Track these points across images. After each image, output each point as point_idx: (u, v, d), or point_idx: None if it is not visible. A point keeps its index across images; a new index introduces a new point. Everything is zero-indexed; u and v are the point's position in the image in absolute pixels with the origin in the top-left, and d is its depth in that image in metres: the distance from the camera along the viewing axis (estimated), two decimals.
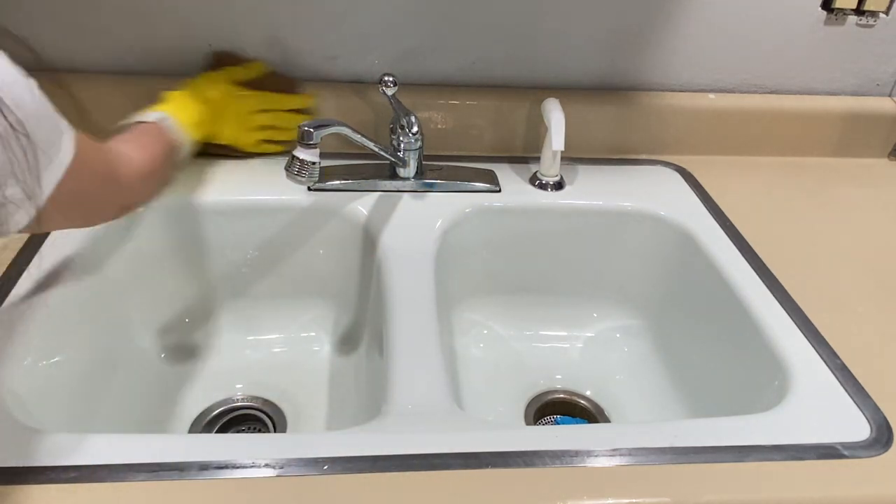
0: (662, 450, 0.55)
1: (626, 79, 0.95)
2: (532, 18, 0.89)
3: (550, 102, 0.85)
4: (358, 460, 0.52)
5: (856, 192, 0.94)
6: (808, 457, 0.55)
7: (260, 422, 0.79)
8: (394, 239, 0.78)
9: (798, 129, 0.98)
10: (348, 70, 0.90)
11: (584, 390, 0.85)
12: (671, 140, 0.96)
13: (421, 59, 0.90)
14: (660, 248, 0.86)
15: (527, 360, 0.88)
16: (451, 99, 0.91)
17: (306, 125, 0.71)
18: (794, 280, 0.74)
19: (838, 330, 0.68)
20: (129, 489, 0.49)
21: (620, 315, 0.91)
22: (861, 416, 0.60)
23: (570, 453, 0.54)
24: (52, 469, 0.50)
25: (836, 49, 0.96)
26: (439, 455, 0.53)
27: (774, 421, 0.59)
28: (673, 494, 0.52)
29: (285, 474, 0.51)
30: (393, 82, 0.78)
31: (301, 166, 0.71)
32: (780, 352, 0.66)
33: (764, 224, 0.84)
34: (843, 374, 0.64)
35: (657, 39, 0.92)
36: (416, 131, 0.82)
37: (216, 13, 0.85)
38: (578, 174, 0.91)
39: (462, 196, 0.85)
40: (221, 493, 0.50)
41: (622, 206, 0.87)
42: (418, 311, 0.68)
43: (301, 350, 0.87)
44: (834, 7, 0.92)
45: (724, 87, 0.97)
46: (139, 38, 0.86)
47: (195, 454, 0.52)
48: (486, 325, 0.90)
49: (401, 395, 0.59)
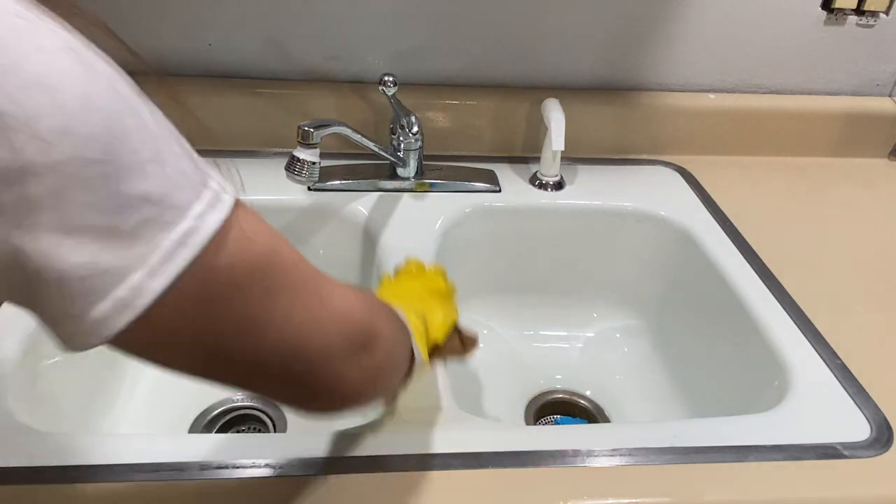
0: (662, 450, 0.55)
1: (626, 79, 0.95)
2: (532, 18, 0.89)
3: (550, 102, 0.85)
4: (358, 460, 0.52)
5: (856, 192, 0.94)
6: (808, 457, 0.55)
7: (260, 422, 0.79)
8: (394, 239, 0.78)
9: (798, 129, 0.98)
10: (348, 70, 0.90)
11: (584, 390, 0.85)
12: (671, 140, 0.96)
13: (421, 59, 0.90)
14: (660, 248, 0.86)
15: (527, 360, 0.88)
16: (451, 99, 0.91)
17: (306, 125, 0.71)
18: (793, 280, 0.74)
19: (838, 330, 0.68)
20: (129, 489, 0.49)
21: (620, 315, 0.91)
22: (861, 415, 0.60)
23: (570, 453, 0.54)
24: (52, 469, 0.50)
25: (836, 49, 0.96)
26: (439, 455, 0.53)
27: (774, 421, 0.59)
28: (673, 494, 0.52)
29: (285, 474, 0.51)
30: (393, 82, 0.78)
31: (301, 166, 0.71)
32: (780, 352, 0.66)
33: (764, 224, 0.84)
34: (843, 374, 0.64)
35: (657, 39, 0.92)
36: (416, 131, 0.82)
37: (216, 13, 0.85)
38: (578, 174, 0.91)
39: (462, 196, 0.85)
40: (221, 493, 0.50)
41: (622, 206, 0.87)
42: None
43: None
44: (834, 7, 0.92)
45: (724, 87, 0.97)
46: (139, 38, 0.86)
47: (195, 454, 0.52)
48: (486, 325, 0.90)
49: (401, 395, 0.59)
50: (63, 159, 0.25)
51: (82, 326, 0.28)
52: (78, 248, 0.27)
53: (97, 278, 0.27)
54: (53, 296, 0.27)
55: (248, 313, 0.32)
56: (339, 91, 0.89)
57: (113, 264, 0.27)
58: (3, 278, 0.27)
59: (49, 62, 0.25)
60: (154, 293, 0.28)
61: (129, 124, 0.27)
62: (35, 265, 0.26)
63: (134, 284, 0.28)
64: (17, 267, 0.26)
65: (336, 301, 0.38)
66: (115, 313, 0.28)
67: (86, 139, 0.26)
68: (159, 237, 0.28)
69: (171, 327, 0.30)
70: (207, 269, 0.30)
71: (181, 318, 0.30)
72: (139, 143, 0.27)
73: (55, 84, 0.25)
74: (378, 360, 0.40)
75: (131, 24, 0.84)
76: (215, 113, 0.88)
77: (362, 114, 0.89)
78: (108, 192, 0.26)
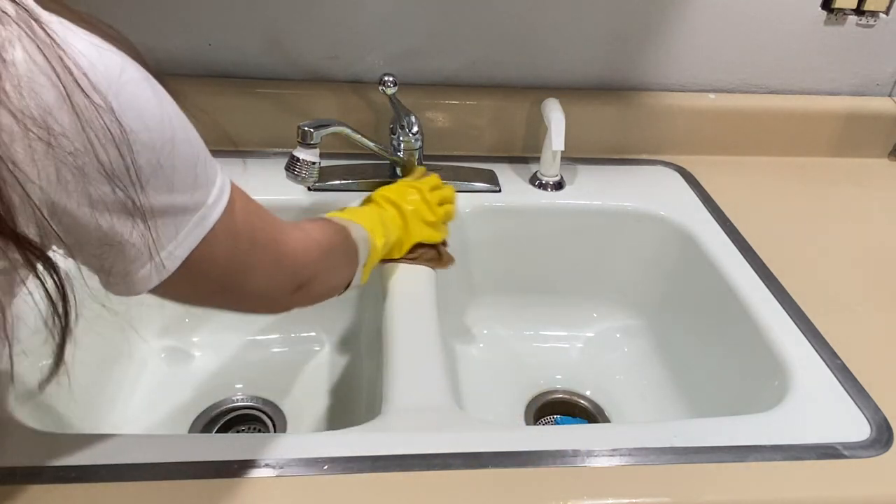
0: (662, 450, 0.55)
1: (626, 79, 0.95)
2: (532, 18, 0.89)
3: (550, 102, 0.85)
4: (358, 460, 0.52)
5: (856, 192, 0.94)
6: (808, 457, 0.55)
7: (260, 422, 0.79)
8: None
9: (798, 129, 0.98)
10: (348, 70, 0.90)
11: (584, 390, 0.85)
12: (671, 140, 0.96)
13: (421, 59, 0.90)
14: (660, 248, 0.86)
15: (527, 360, 0.88)
16: (451, 99, 0.91)
17: (306, 125, 0.71)
18: (793, 280, 0.74)
19: (838, 330, 0.68)
20: (129, 489, 0.49)
21: (620, 315, 0.91)
22: (861, 415, 0.60)
23: (570, 453, 0.54)
24: (52, 469, 0.50)
25: (836, 49, 0.96)
26: (439, 455, 0.53)
27: (774, 421, 0.59)
28: (673, 494, 0.52)
29: (285, 474, 0.51)
30: (393, 82, 0.78)
31: (301, 166, 0.71)
32: (780, 352, 0.66)
33: (764, 224, 0.84)
34: (843, 374, 0.64)
35: (657, 39, 0.92)
36: (416, 131, 0.82)
37: (216, 13, 0.85)
38: (578, 174, 0.91)
39: (462, 196, 0.84)
40: (221, 493, 0.50)
41: (622, 206, 0.87)
42: (418, 311, 0.68)
43: (301, 350, 0.87)
44: (834, 7, 0.92)
45: (724, 87, 0.97)
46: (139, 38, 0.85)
47: (195, 454, 0.52)
48: (486, 325, 0.90)
49: (401, 395, 0.59)
50: (148, 158, 0.36)
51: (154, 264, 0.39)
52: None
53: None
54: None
55: (240, 258, 0.45)
56: (339, 91, 0.89)
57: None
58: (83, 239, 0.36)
59: (136, 93, 0.36)
60: (196, 240, 0.40)
61: (180, 135, 0.38)
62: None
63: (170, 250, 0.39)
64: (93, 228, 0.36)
65: (290, 253, 0.51)
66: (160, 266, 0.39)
67: (161, 145, 0.36)
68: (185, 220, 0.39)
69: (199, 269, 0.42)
70: (223, 230, 0.42)
71: (207, 262, 0.42)
72: (187, 145, 0.39)
73: (143, 109, 0.36)
74: (312, 293, 0.56)
75: (131, 24, 0.84)
76: (215, 113, 0.88)
77: (362, 114, 0.89)
78: (170, 182, 0.37)
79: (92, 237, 0.36)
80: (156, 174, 0.36)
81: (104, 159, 0.34)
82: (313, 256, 0.54)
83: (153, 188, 0.36)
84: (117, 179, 0.34)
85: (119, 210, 0.35)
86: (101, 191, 0.34)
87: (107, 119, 0.33)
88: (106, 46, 0.35)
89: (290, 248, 0.51)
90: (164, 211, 0.38)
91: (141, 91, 0.36)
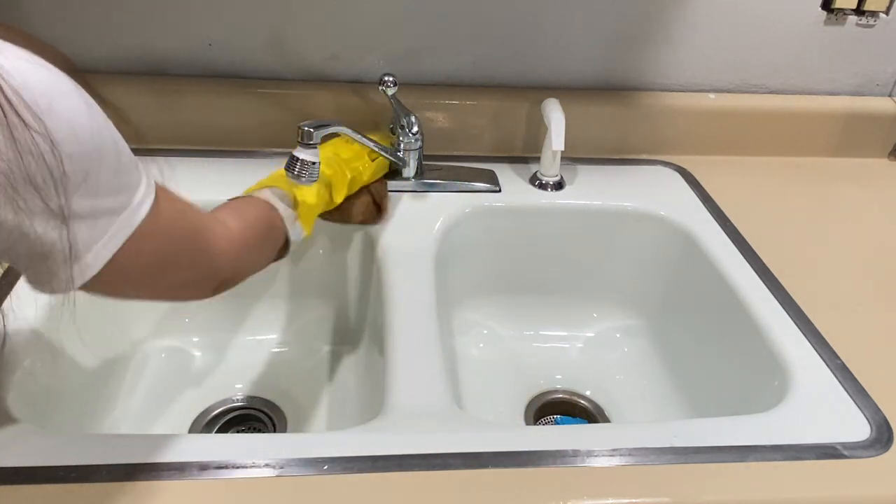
0: (662, 450, 0.55)
1: (626, 79, 0.95)
2: (532, 18, 0.89)
3: (550, 102, 0.85)
4: (358, 460, 0.52)
5: (856, 192, 0.94)
6: (808, 457, 0.55)
7: (260, 422, 0.79)
8: (394, 239, 0.78)
9: (798, 129, 0.98)
10: (348, 70, 0.90)
11: (584, 390, 0.85)
12: (671, 140, 0.96)
13: (421, 59, 0.90)
14: (660, 248, 0.86)
15: (527, 360, 0.88)
16: (451, 99, 0.91)
17: (306, 125, 0.71)
18: (793, 280, 0.74)
19: (838, 330, 0.68)
20: (129, 489, 0.49)
21: (620, 315, 0.91)
22: (861, 416, 0.60)
23: (570, 453, 0.54)
24: (52, 469, 0.50)
25: (836, 49, 0.96)
26: (439, 455, 0.53)
27: (774, 421, 0.59)
28: (673, 494, 0.52)
29: (285, 474, 0.51)
30: (393, 82, 0.78)
31: (301, 166, 0.71)
32: (780, 352, 0.66)
33: (764, 224, 0.84)
34: (843, 374, 0.64)
35: (657, 39, 0.92)
36: (416, 131, 0.82)
37: (216, 13, 0.85)
38: (578, 174, 0.91)
39: (462, 196, 0.85)
40: (221, 493, 0.50)
41: (622, 206, 0.87)
42: (418, 311, 0.68)
43: (301, 350, 0.87)
44: (834, 7, 0.92)
45: (724, 87, 0.97)
46: (139, 38, 0.86)
47: (195, 454, 0.52)
48: (486, 325, 0.90)
49: (401, 395, 0.59)
50: (76, 168, 0.37)
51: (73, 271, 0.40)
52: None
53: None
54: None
55: (164, 257, 0.47)
56: (339, 91, 0.89)
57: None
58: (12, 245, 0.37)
59: (68, 106, 0.36)
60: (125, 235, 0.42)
61: (108, 143, 0.39)
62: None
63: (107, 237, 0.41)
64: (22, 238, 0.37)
65: (211, 251, 0.52)
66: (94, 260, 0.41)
67: (89, 154, 0.38)
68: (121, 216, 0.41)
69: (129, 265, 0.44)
70: (148, 230, 0.43)
71: (135, 260, 0.44)
72: (114, 153, 0.40)
73: (74, 122, 0.37)
74: (236, 280, 0.58)
75: (132, 25, 0.84)
76: (215, 113, 0.88)
77: (362, 114, 0.89)
78: (96, 188, 0.39)
79: (19, 242, 0.37)
80: (85, 182, 0.38)
81: (33, 172, 0.35)
82: (233, 253, 0.56)
83: (80, 195, 0.38)
84: (46, 190, 0.36)
85: (47, 217, 0.37)
86: (30, 200, 0.35)
87: (38, 135, 0.34)
88: (36, 61, 0.36)
89: (212, 246, 0.53)
90: (91, 214, 0.39)
91: (72, 104, 0.37)
